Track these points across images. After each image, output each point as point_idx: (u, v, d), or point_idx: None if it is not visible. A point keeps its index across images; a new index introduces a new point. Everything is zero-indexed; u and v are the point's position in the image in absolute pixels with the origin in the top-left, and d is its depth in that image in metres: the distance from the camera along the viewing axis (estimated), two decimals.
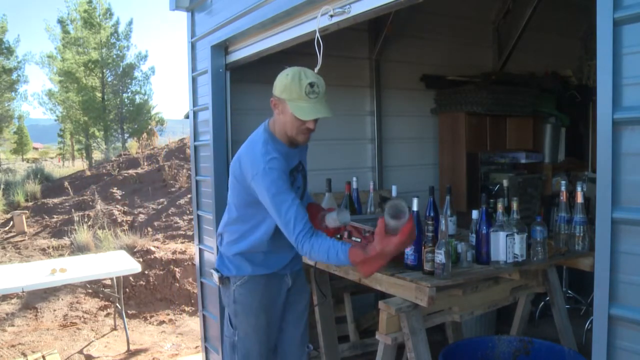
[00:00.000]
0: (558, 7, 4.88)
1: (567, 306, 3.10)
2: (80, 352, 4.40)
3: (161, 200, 8.66)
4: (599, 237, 1.43)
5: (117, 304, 4.62)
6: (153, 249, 6.32)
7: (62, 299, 5.45)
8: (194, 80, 3.74)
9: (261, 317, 2.23)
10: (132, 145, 13.65)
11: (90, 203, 8.90)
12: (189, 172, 8.98)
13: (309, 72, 2.06)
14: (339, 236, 2.87)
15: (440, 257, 2.14)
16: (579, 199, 2.50)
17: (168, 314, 5.26)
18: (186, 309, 5.35)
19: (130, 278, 5.53)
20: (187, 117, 4.09)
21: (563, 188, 2.67)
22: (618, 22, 1.36)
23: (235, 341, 2.27)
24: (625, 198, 1.38)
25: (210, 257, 3.51)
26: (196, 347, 4.44)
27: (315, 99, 2.02)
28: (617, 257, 1.40)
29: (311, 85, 2.01)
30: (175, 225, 7.55)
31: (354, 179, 3.09)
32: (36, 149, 36.85)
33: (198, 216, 3.72)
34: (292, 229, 1.98)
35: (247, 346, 2.25)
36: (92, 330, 4.89)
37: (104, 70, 20.48)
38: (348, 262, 1.93)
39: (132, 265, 4.35)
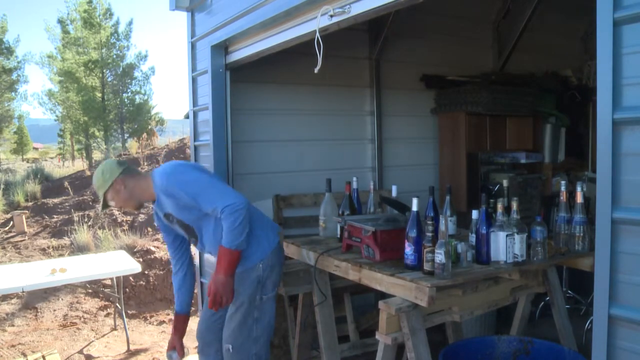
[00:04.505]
0: (558, 7, 4.88)
1: (567, 306, 3.10)
2: (80, 352, 4.40)
3: None
4: (599, 237, 1.43)
5: (117, 304, 4.62)
6: (153, 249, 6.32)
7: (62, 299, 5.45)
8: (194, 80, 3.74)
9: None
10: (132, 145, 13.66)
11: (91, 203, 8.89)
12: None
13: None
14: (338, 237, 2.88)
15: (440, 257, 2.14)
16: (579, 199, 2.50)
17: (168, 314, 5.26)
18: None
19: (130, 278, 5.53)
20: (187, 117, 4.09)
21: (563, 188, 2.67)
22: (618, 22, 1.36)
23: None
24: (625, 198, 1.38)
25: (210, 257, 3.51)
26: (195, 346, 4.43)
27: None
28: (617, 257, 1.40)
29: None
30: None
31: (354, 179, 3.09)
32: (36, 149, 36.83)
33: None
34: None
35: None
36: (92, 330, 4.89)
37: (104, 70, 20.48)
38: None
39: (132, 265, 4.35)
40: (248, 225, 2.33)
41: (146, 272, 5.72)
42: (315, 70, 2.28)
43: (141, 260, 5.85)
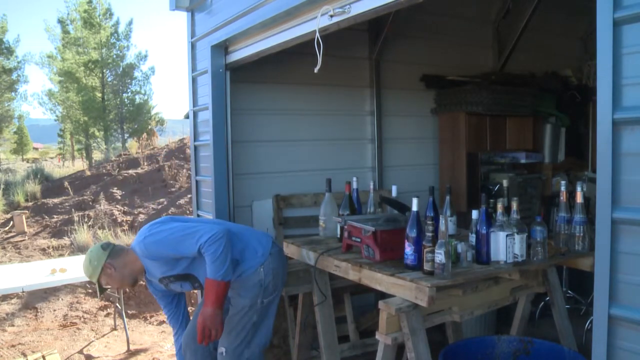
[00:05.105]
0: (558, 7, 4.88)
1: (567, 306, 3.10)
2: (80, 352, 4.41)
3: (161, 200, 8.66)
4: (599, 237, 1.43)
5: (117, 304, 4.62)
6: None
7: (62, 299, 5.45)
8: (194, 80, 3.74)
9: None
10: (132, 145, 13.66)
11: (91, 203, 8.89)
12: (189, 172, 8.98)
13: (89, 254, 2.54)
14: (338, 237, 2.88)
15: (440, 257, 2.14)
16: (579, 199, 2.50)
17: None
18: None
19: None
20: (187, 117, 4.10)
21: (563, 188, 2.67)
22: (618, 22, 1.36)
23: None
24: (625, 198, 1.38)
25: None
26: None
27: None
28: (617, 257, 1.40)
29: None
30: None
31: (354, 179, 3.09)
32: (36, 149, 36.81)
33: (198, 216, 3.72)
34: None
35: None
36: (92, 330, 4.89)
37: (104, 70, 20.48)
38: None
39: None
40: (230, 253, 2.38)
41: None
42: (315, 70, 2.28)
43: None
